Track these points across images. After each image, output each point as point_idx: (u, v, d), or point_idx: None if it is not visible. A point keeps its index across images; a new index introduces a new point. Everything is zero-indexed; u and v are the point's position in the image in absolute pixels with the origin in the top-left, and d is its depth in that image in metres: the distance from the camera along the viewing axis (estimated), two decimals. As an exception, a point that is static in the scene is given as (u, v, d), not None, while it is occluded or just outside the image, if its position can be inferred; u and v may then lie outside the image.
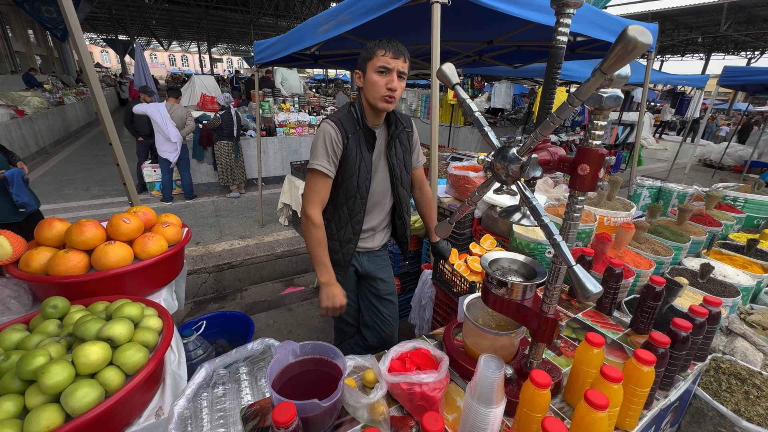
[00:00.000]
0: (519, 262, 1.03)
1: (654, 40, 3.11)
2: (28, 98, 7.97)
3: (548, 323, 0.88)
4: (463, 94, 0.83)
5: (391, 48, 1.23)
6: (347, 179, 1.37)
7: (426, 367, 0.97)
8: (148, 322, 1.06)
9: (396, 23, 3.02)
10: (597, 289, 0.64)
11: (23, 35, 17.64)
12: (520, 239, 1.81)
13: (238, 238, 4.25)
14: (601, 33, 2.57)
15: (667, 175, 7.99)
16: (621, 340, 1.24)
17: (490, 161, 0.79)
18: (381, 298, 1.60)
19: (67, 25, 1.55)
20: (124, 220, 1.32)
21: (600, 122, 0.71)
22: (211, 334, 2.33)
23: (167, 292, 1.48)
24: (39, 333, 1.00)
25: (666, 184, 3.26)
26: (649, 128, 12.59)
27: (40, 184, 5.89)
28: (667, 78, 7.54)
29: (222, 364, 1.11)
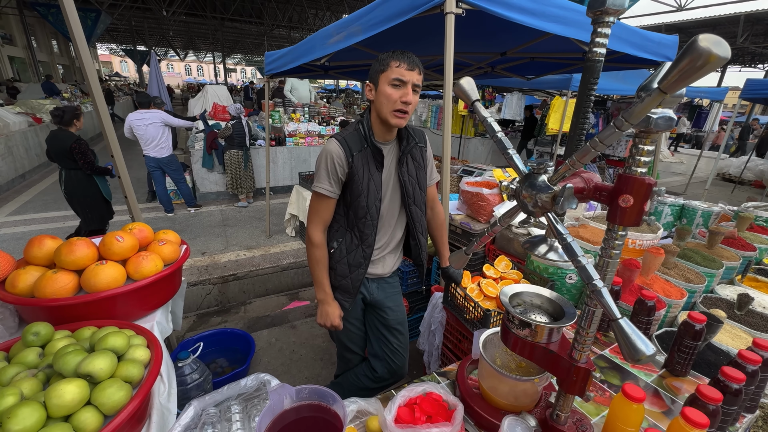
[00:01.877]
0: (544, 297, 0.92)
1: (674, 53, 3.00)
2: (47, 106, 8.14)
3: (579, 373, 0.76)
4: (484, 112, 0.74)
5: (406, 60, 1.15)
6: (355, 199, 1.29)
7: (437, 416, 0.86)
8: (134, 354, 0.98)
9: (407, 34, 2.97)
10: (650, 350, 0.53)
11: (47, 45, 18.30)
12: (538, 263, 1.69)
13: (244, 248, 4.19)
14: (619, 44, 2.47)
15: (684, 190, 7.75)
16: (656, 384, 1.11)
17: (516, 188, 0.69)
18: (390, 327, 1.49)
19: (69, 32, 1.53)
20: (118, 238, 1.25)
21: (647, 147, 0.61)
22: (211, 353, 2.24)
23: (162, 313, 1.39)
24: (17, 364, 0.92)
25: (689, 202, 3.10)
26: (665, 141, 12.32)
27: (53, 191, 5.96)
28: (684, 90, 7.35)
29: (212, 402, 1.02)
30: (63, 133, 3.36)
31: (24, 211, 5.10)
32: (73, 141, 3.30)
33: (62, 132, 3.37)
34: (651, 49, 2.79)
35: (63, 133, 3.36)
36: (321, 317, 1.38)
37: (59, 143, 3.31)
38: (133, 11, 16.45)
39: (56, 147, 3.32)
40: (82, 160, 3.33)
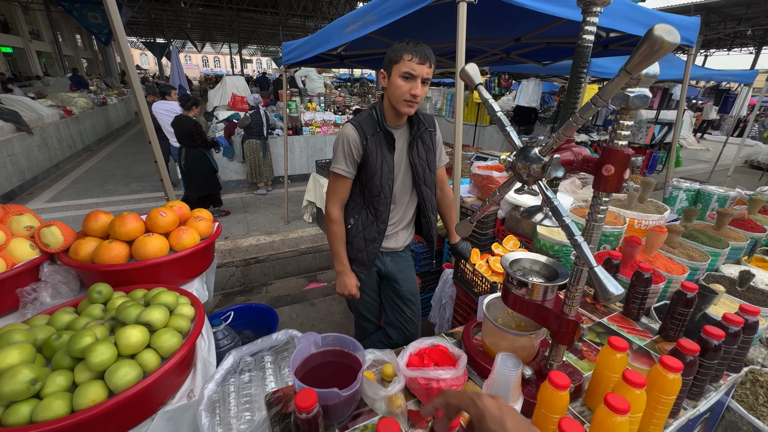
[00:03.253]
0: (541, 263, 1.03)
1: (695, 35, 2.95)
2: (76, 99, 8.52)
3: (569, 325, 0.87)
4: (485, 94, 0.84)
5: (418, 53, 1.24)
6: (370, 179, 1.41)
7: (444, 364, 0.98)
8: (182, 310, 1.14)
9: (421, 23, 3.03)
10: (618, 291, 0.63)
11: (72, 40, 18.91)
12: (545, 241, 1.78)
13: (264, 233, 4.38)
14: (636, 28, 2.47)
15: (708, 177, 7.53)
16: (648, 347, 1.20)
17: (512, 161, 0.79)
18: (404, 298, 1.62)
19: (112, 29, 1.67)
20: (162, 213, 1.41)
21: (626, 122, 0.70)
22: (238, 325, 2.43)
23: (199, 282, 1.56)
24: (86, 316, 1.09)
25: (705, 187, 3.08)
26: (689, 127, 11.89)
27: (85, 180, 6.30)
28: (710, 74, 7.09)
29: (248, 352, 1.17)
30: (185, 118, 4.25)
31: (60, 199, 5.43)
32: (192, 124, 4.20)
33: (185, 117, 4.25)
34: (668, 31, 2.75)
35: (185, 118, 4.25)
36: (339, 287, 1.52)
37: (183, 126, 4.20)
38: (152, 4, 16.78)
39: (181, 129, 4.22)
40: (200, 139, 4.26)
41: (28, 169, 5.75)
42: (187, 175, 4.47)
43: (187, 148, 4.32)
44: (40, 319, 1.08)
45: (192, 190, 4.55)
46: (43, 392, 0.85)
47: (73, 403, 0.84)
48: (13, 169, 5.37)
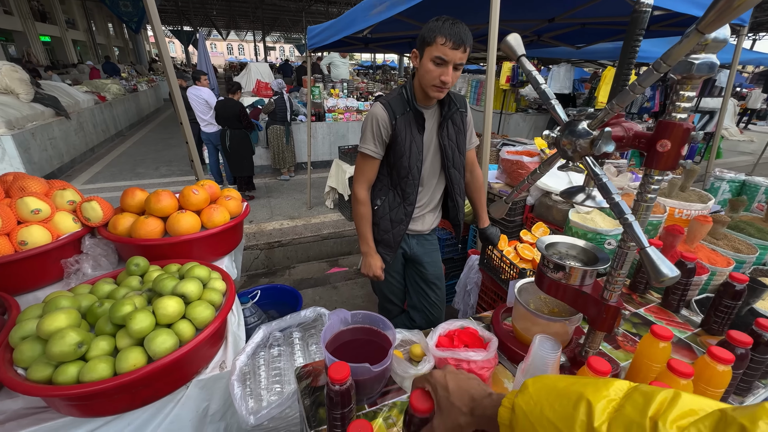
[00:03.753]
0: (579, 248, 0.98)
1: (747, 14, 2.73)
2: (109, 85, 8.83)
3: (609, 311, 0.83)
4: (528, 65, 0.79)
5: (453, 36, 1.16)
6: (398, 159, 1.38)
7: (474, 346, 0.97)
8: (214, 284, 1.16)
9: (450, 5, 2.93)
10: (673, 272, 0.59)
11: (104, 29, 19.53)
12: (577, 228, 1.71)
13: (287, 218, 4.45)
14: (683, 5, 2.30)
15: (752, 170, 7.06)
16: (689, 340, 1.14)
17: (556, 136, 0.75)
18: (428, 281, 1.61)
19: (147, 15, 1.69)
20: (194, 191, 1.44)
21: (687, 93, 0.64)
22: (264, 305, 2.48)
23: (228, 260, 1.60)
24: (125, 286, 1.14)
25: (752, 178, 2.89)
26: (733, 117, 11.12)
27: (118, 163, 6.56)
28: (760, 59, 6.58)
29: (278, 327, 1.19)
30: (231, 101, 4.59)
31: (95, 181, 5.68)
32: (240, 106, 4.59)
33: (230, 100, 4.59)
34: (719, 9, 2.56)
35: (231, 101, 4.59)
36: (364, 268, 1.52)
37: (230, 108, 4.55)
38: (179, -9, 17.04)
39: (227, 111, 4.55)
40: (246, 121, 4.65)
41: (66, 152, 6.03)
42: (232, 156, 4.76)
43: (231, 130, 4.62)
44: (83, 288, 1.13)
45: (235, 170, 4.86)
46: (88, 355, 0.89)
47: (115, 367, 0.88)
48: (53, 152, 5.64)
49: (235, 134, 4.68)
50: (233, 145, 4.68)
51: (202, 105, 4.96)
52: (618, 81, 0.76)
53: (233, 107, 4.57)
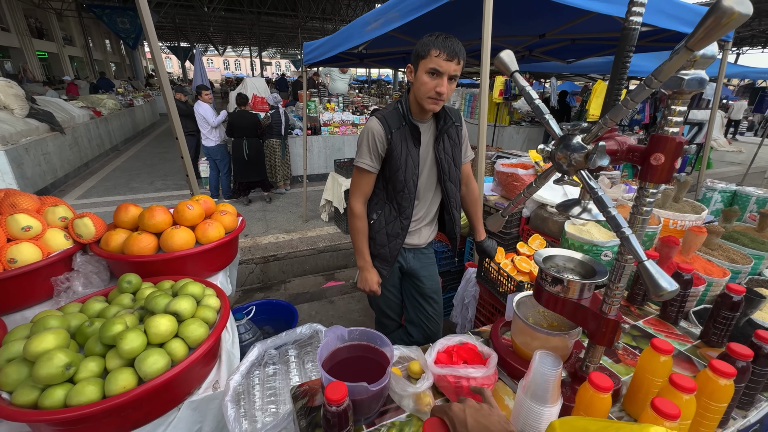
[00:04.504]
0: (576, 261, 0.98)
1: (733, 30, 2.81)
2: (105, 101, 8.85)
3: (609, 324, 0.82)
4: (522, 81, 0.80)
5: (447, 48, 1.18)
6: (394, 173, 1.39)
7: (473, 362, 0.95)
8: (208, 301, 1.14)
9: (443, 20, 2.99)
10: (672, 286, 0.59)
11: (101, 44, 19.71)
12: (573, 240, 1.72)
13: (283, 232, 4.42)
14: (668, 21, 2.37)
15: (741, 180, 7.18)
16: (689, 352, 1.13)
17: (551, 150, 0.76)
18: (425, 296, 1.59)
19: (144, 33, 1.71)
20: (189, 207, 1.43)
21: (678, 107, 0.65)
22: (258, 321, 2.44)
23: (223, 276, 1.57)
24: (116, 304, 1.11)
25: (743, 188, 2.93)
26: (721, 128, 11.36)
27: (113, 178, 6.53)
28: (745, 72, 6.78)
29: (273, 345, 1.17)
30: (247, 113, 5.05)
31: (89, 196, 5.64)
32: (257, 117, 5.12)
33: (247, 112, 5.05)
34: (704, 25, 2.64)
35: (247, 113, 5.05)
36: (361, 282, 1.50)
37: (248, 119, 4.98)
38: (176, 9, 17.31)
39: (245, 121, 4.95)
40: (261, 129, 5.18)
41: (60, 167, 6.00)
42: (250, 162, 5.10)
43: (248, 139, 4.99)
44: (73, 307, 1.10)
45: (254, 175, 5.24)
46: (77, 377, 0.86)
47: (104, 389, 0.85)
48: (47, 167, 5.61)
49: (252, 143, 5.05)
50: (251, 152, 5.05)
51: (201, 120, 4.98)
52: (610, 96, 0.77)
53: (251, 118, 5.02)
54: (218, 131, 5.12)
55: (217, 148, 5.19)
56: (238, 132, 4.95)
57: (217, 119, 5.03)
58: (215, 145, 5.15)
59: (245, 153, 5.00)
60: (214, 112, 5.04)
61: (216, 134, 5.11)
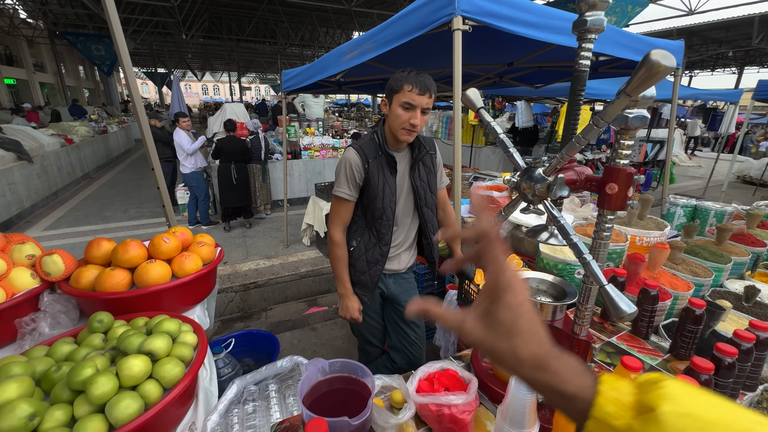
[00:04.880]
0: (548, 282, 1.02)
1: (680, 58, 3.07)
2: (77, 128, 8.65)
3: (581, 345, 0.86)
4: (487, 117, 0.86)
5: (419, 84, 1.26)
6: (372, 201, 1.42)
7: (454, 389, 0.96)
8: (184, 338, 1.11)
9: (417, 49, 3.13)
10: (631, 309, 0.63)
11: (74, 71, 19.41)
12: (548, 260, 1.78)
13: (263, 257, 4.35)
14: (623, 51, 2.57)
15: (702, 193, 7.63)
16: (660, 367, 1.18)
17: (516, 181, 0.81)
18: (407, 321, 1.60)
19: (120, 62, 1.72)
20: (165, 240, 1.40)
21: (626, 142, 0.72)
22: (238, 353, 2.37)
23: (200, 309, 1.53)
24: (86, 346, 1.07)
25: (702, 203, 3.12)
26: (681, 145, 12.14)
27: (84, 207, 6.30)
28: (696, 93, 7.33)
29: (252, 380, 1.14)
30: (236, 139, 5.13)
31: (58, 226, 5.41)
32: (245, 142, 5.21)
33: (236, 138, 5.12)
34: (655, 54, 2.87)
35: (236, 139, 5.13)
36: (342, 310, 1.50)
37: (237, 144, 5.08)
38: (154, 36, 17.36)
39: (234, 147, 5.03)
40: (249, 155, 5.24)
41: (27, 198, 5.76)
42: (237, 187, 5.15)
43: (236, 163, 5.06)
44: (39, 351, 1.05)
45: (241, 199, 5.28)
46: (42, 428, 0.82)
47: (71, 440, 0.81)
48: (12, 197, 5.37)
49: (240, 168, 5.13)
50: (240, 176, 5.12)
51: (178, 147, 4.94)
52: (567, 130, 0.83)
53: (240, 144, 5.13)
54: (194, 158, 5.07)
55: (193, 174, 5.12)
56: (226, 157, 5.00)
57: (192, 146, 4.97)
58: (191, 171, 5.08)
59: (233, 177, 5.04)
60: (190, 139, 5.00)
61: (192, 161, 5.05)
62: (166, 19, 14.19)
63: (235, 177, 5.07)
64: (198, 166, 5.13)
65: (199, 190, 5.23)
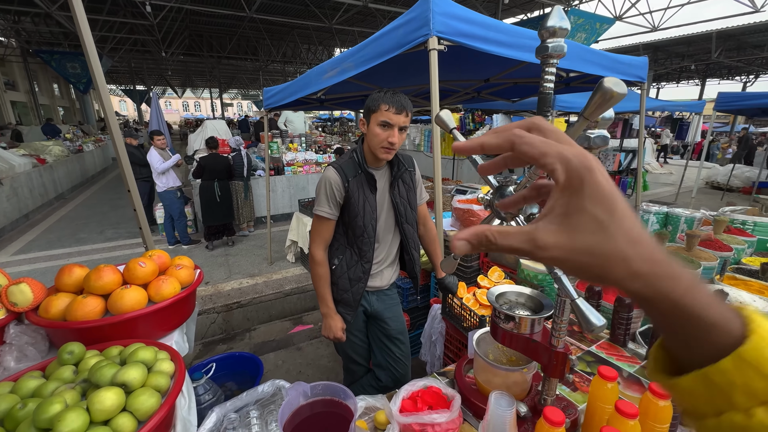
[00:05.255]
0: (526, 295, 1.04)
1: (645, 72, 3.25)
2: (50, 147, 8.40)
3: (559, 357, 0.87)
4: (460, 137, 0.88)
5: (395, 103, 1.30)
6: (353, 219, 1.43)
7: (438, 407, 0.96)
8: (161, 366, 1.07)
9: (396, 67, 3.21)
10: (600, 322, 0.64)
11: (48, 89, 18.92)
12: (528, 270, 1.81)
13: (247, 276, 4.27)
14: (592, 68, 2.71)
15: (675, 199, 7.95)
16: (638, 374, 1.21)
17: (489, 199, 0.83)
18: (392, 337, 1.60)
19: (93, 81, 1.70)
20: (140, 264, 1.37)
21: (591, 160, 0.75)
22: (220, 377, 2.29)
23: (179, 334, 1.49)
24: (55, 380, 1.02)
25: (673, 209, 3.25)
26: (652, 153, 12.69)
27: (57, 229, 6.07)
28: (663, 105, 7.72)
29: (232, 408, 1.11)
30: (220, 156, 5.08)
31: (29, 250, 5.18)
32: (229, 160, 5.18)
33: (219, 156, 5.07)
34: (622, 70, 3.03)
35: (220, 156, 5.08)
36: (325, 330, 1.49)
37: (221, 162, 5.05)
38: (132, 54, 17.17)
39: (219, 165, 5.01)
40: (234, 172, 5.24)
41: (-6, 221, 5.52)
42: (221, 205, 5.12)
43: (220, 181, 5.04)
44: (4, 387, 1.00)
45: (227, 217, 5.25)
46: (4, 472, 0.77)
47: (37, 483, 0.77)
48: (-21, 221, 5.13)
49: (224, 185, 5.10)
50: (223, 193, 5.09)
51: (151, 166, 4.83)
52: (536, 149, 0.87)
53: (224, 161, 5.09)
54: (166, 177, 4.91)
55: (166, 193, 4.97)
56: (209, 175, 4.95)
57: (162, 165, 4.82)
58: (163, 190, 4.95)
59: (217, 195, 5.00)
60: (161, 158, 4.85)
61: (164, 180, 4.90)
62: (145, 37, 14.10)
63: (218, 195, 5.02)
64: (170, 185, 4.96)
65: (172, 209, 5.07)
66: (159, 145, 4.96)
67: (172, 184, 4.99)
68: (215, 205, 5.05)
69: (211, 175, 4.96)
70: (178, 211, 5.14)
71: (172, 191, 5.01)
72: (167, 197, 5.00)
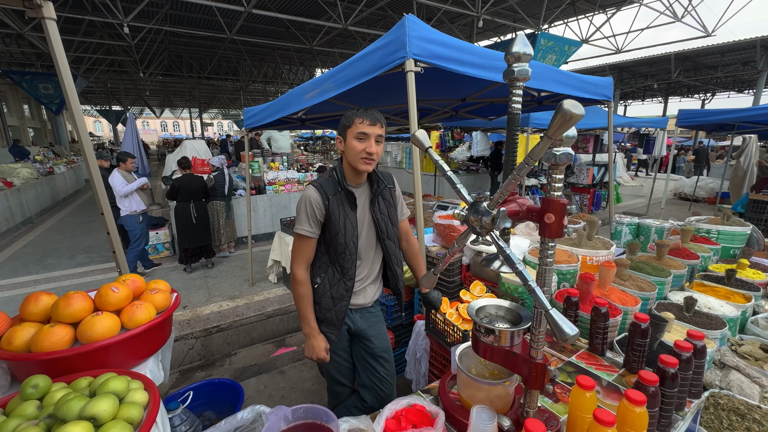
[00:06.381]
0: (505, 308, 1.06)
1: (610, 91, 3.44)
2: (18, 170, 8.07)
3: (538, 368, 0.89)
4: (435, 156, 0.92)
5: (368, 116, 1.35)
6: (334, 237, 1.43)
7: (422, 425, 0.95)
8: (133, 396, 1.03)
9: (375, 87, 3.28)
10: (573, 331, 0.67)
11: (18, 110, 18.33)
12: (509, 284, 1.84)
13: (227, 298, 4.15)
14: (561, 87, 2.86)
15: (646, 211, 8.29)
16: (617, 382, 1.23)
17: (465, 215, 0.86)
18: (376, 356, 1.58)
19: (67, 104, 1.67)
20: (113, 289, 1.32)
21: (557, 176, 0.79)
22: (198, 406, 2.19)
23: (153, 362, 1.43)
24: (17, 416, 0.95)
25: (644, 220, 3.39)
26: (623, 167, 13.28)
27: (23, 255, 5.77)
28: (630, 122, 8.16)
29: (210, 437, 1.06)
30: (195, 176, 5.04)
31: (-9, 278, 4.89)
32: (205, 180, 5.15)
33: (194, 176, 5.05)
34: (589, 89, 3.21)
35: (195, 176, 5.04)
36: (308, 351, 1.46)
37: (196, 181, 4.98)
38: (109, 74, 16.92)
39: (194, 184, 4.93)
40: (208, 192, 5.12)
41: (-46, 248, 5.20)
42: (197, 227, 4.98)
43: (195, 201, 4.91)
44: (-42, 428, 0.93)
45: (205, 239, 5.12)
46: None
47: None
48: (-63, 249, 4.83)
49: (200, 206, 4.99)
50: (199, 214, 4.97)
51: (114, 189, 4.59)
52: (507, 166, 0.91)
53: (199, 181, 5.01)
54: (128, 201, 4.63)
55: (127, 218, 4.66)
56: (184, 196, 4.84)
57: (125, 189, 4.55)
58: (125, 215, 4.65)
59: (193, 217, 4.88)
60: (124, 181, 4.58)
61: (126, 203, 4.62)
62: (122, 57, 13.96)
63: (194, 216, 4.91)
64: (133, 209, 4.66)
65: (133, 234, 4.75)
66: (128, 168, 4.74)
67: (135, 208, 4.67)
68: (192, 227, 4.93)
69: (186, 196, 4.86)
70: (136, 236, 4.78)
71: (134, 216, 4.69)
72: (129, 222, 4.69)
